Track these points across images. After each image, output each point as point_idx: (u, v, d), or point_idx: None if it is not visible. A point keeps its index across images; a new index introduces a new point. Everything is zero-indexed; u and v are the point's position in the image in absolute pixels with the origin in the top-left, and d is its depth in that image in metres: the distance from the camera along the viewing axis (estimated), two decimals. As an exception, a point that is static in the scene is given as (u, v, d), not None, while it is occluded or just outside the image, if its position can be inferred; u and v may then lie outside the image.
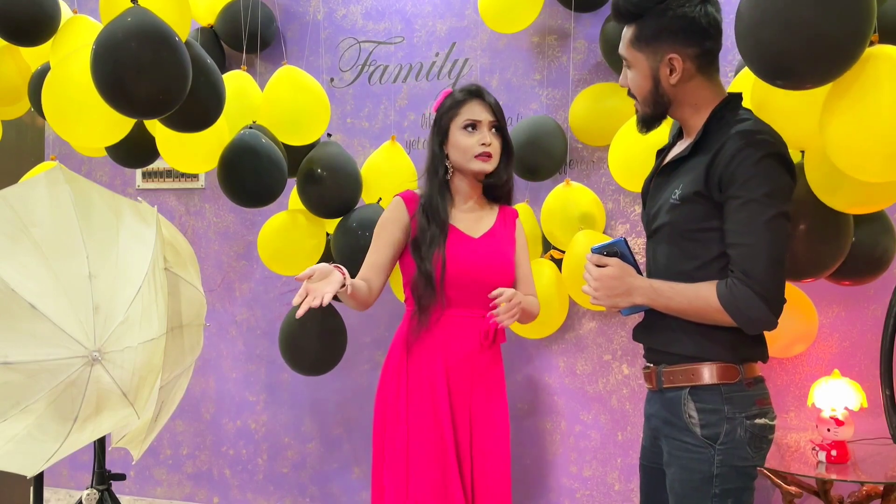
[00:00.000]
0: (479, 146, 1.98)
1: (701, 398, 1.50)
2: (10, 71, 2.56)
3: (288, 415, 3.26)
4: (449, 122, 2.01)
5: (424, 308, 1.97)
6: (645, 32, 1.50)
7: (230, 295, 3.34)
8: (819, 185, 1.77)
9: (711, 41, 1.49)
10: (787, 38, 1.38)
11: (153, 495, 3.44)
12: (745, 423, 1.47)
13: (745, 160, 1.40)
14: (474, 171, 2.02)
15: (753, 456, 1.49)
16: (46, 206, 1.73)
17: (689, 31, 1.47)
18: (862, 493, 2.20)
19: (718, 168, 1.43)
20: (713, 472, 1.46)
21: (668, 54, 1.49)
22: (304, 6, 3.22)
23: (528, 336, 2.74)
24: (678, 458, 1.52)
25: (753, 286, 1.41)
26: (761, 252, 1.41)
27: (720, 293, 1.44)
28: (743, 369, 1.50)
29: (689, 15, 1.46)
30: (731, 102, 1.53)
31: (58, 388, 1.63)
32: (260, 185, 2.43)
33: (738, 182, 1.41)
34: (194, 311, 2.03)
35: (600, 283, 1.53)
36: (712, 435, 1.47)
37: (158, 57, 1.90)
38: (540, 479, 2.90)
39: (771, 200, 1.40)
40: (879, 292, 2.46)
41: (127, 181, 3.51)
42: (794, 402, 2.58)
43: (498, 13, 2.64)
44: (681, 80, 1.50)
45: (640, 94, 1.56)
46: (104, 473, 2.10)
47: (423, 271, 1.95)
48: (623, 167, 2.42)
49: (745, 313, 1.43)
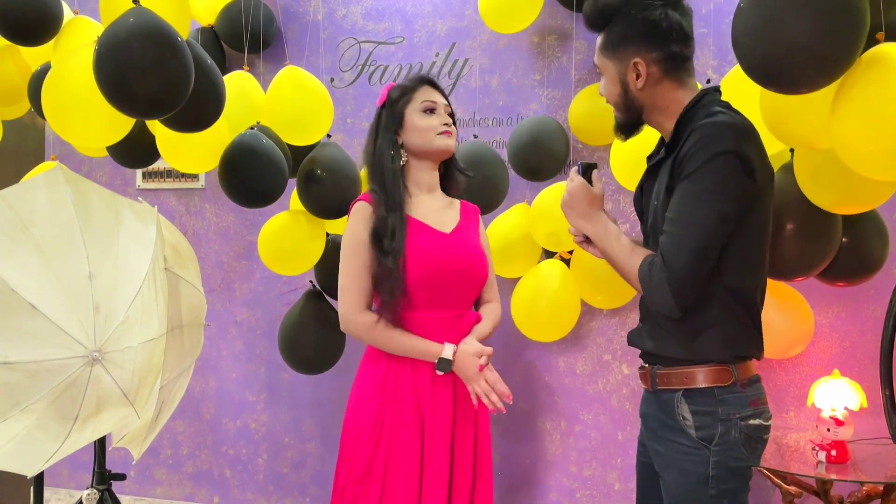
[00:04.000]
0: (440, 125, 1.93)
1: (694, 400, 1.50)
2: (11, 71, 2.56)
3: (288, 415, 3.26)
4: (404, 107, 1.94)
5: (390, 305, 1.85)
6: (611, 38, 1.55)
7: (230, 295, 3.34)
8: (807, 184, 1.78)
9: (677, 45, 1.52)
10: (776, 46, 1.42)
11: (153, 495, 3.44)
12: (739, 424, 1.48)
13: (696, 154, 1.42)
14: (439, 149, 1.93)
15: (748, 456, 1.49)
16: (46, 206, 1.72)
17: (651, 35, 1.50)
18: (862, 493, 2.21)
19: (678, 162, 1.46)
20: (709, 473, 1.47)
21: (632, 59, 1.52)
22: (305, 6, 3.23)
23: (538, 339, 2.72)
24: (674, 459, 1.53)
25: (668, 275, 1.44)
26: (685, 245, 1.43)
27: (641, 268, 1.50)
28: (736, 370, 1.50)
29: (650, 18, 1.50)
30: (702, 99, 1.53)
31: (58, 388, 1.63)
32: (260, 186, 2.43)
33: (685, 174, 1.43)
34: (194, 311, 2.03)
35: (571, 197, 1.65)
36: (707, 437, 1.48)
37: (161, 57, 1.90)
38: (540, 479, 2.90)
39: (710, 196, 1.41)
40: (879, 292, 2.46)
41: (127, 181, 3.51)
42: (793, 402, 2.58)
43: (498, 13, 2.64)
44: (647, 84, 1.53)
45: (611, 99, 1.61)
46: (104, 473, 2.10)
47: (385, 266, 1.83)
48: (624, 167, 2.42)
49: (654, 296, 1.49)
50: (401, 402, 1.87)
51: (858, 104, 1.48)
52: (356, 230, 1.89)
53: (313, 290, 2.85)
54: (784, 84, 1.49)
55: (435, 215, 1.96)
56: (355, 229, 1.89)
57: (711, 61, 2.67)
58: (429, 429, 1.87)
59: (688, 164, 1.43)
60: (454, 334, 1.90)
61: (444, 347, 1.85)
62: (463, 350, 1.86)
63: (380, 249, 1.85)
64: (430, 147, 1.93)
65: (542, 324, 2.62)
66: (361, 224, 1.89)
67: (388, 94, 1.99)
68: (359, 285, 1.89)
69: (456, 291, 1.92)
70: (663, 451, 1.56)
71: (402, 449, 1.85)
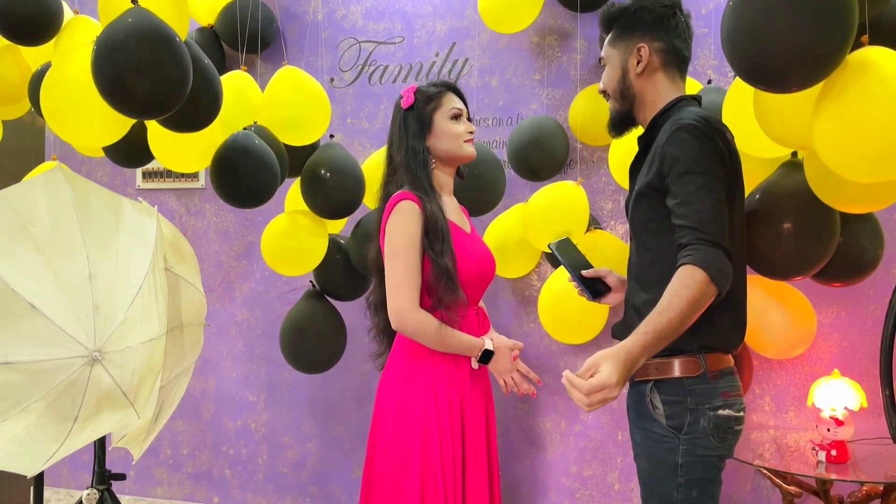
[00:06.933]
0: (466, 133, 1.99)
1: (664, 390, 1.53)
2: (11, 71, 2.55)
3: (288, 415, 3.26)
4: (433, 112, 1.97)
5: (448, 305, 1.87)
6: (621, 28, 1.67)
7: (230, 295, 3.34)
8: (816, 183, 1.77)
9: (679, 41, 1.64)
10: (763, 46, 1.44)
11: (153, 495, 3.44)
12: (708, 413, 1.50)
13: (669, 148, 1.48)
14: (465, 156, 1.99)
15: (717, 446, 1.51)
16: (46, 206, 1.72)
17: (659, 25, 1.62)
18: (862, 493, 2.20)
19: (657, 156, 1.52)
20: (678, 461, 1.50)
21: (637, 44, 1.63)
22: (304, 6, 3.23)
23: (568, 342, 2.70)
24: (646, 447, 1.57)
25: (709, 241, 1.40)
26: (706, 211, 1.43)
27: (697, 264, 1.38)
28: (705, 361, 1.51)
29: (659, 11, 1.63)
30: (681, 101, 1.62)
31: (58, 388, 1.63)
32: (252, 186, 2.42)
33: (671, 161, 1.48)
34: (194, 311, 2.03)
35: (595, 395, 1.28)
36: (677, 425, 1.51)
37: (159, 57, 1.90)
38: (540, 479, 2.90)
39: (701, 169, 1.45)
40: (879, 292, 2.46)
41: (127, 181, 3.51)
42: (794, 402, 2.58)
43: (498, 13, 2.64)
44: (645, 71, 1.63)
45: (609, 86, 1.69)
46: (104, 473, 2.10)
47: (443, 267, 1.85)
48: (623, 167, 2.42)
49: (720, 268, 1.40)
50: (451, 399, 1.91)
51: (840, 107, 1.48)
52: (406, 227, 1.85)
53: (314, 290, 2.85)
54: (772, 82, 1.51)
55: (456, 216, 2.02)
56: (405, 226, 1.85)
57: (711, 61, 2.67)
58: (469, 425, 1.93)
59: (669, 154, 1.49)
60: (480, 329, 1.99)
61: (485, 341, 1.93)
62: (498, 344, 1.95)
63: (435, 252, 1.86)
64: (457, 153, 1.98)
65: (569, 327, 2.59)
66: (412, 221, 1.86)
67: (415, 97, 2.00)
68: (415, 283, 1.86)
69: (479, 289, 2.01)
70: (639, 439, 1.60)
71: (451, 444, 1.89)
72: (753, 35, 1.45)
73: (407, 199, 1.88)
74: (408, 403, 1.89)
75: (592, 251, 2.54)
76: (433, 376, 1.90)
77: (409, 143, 1.96)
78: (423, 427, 1.86)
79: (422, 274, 1.87)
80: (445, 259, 1.85)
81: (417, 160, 1.94)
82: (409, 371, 1.92)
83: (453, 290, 1.86)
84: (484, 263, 2.00)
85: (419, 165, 1.94)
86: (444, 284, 1.85)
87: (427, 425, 1.86)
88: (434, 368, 1.90)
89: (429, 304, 1.89)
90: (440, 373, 1.90)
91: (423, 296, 1.89)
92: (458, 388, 1.92)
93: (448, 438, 1.87)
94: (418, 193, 1.90)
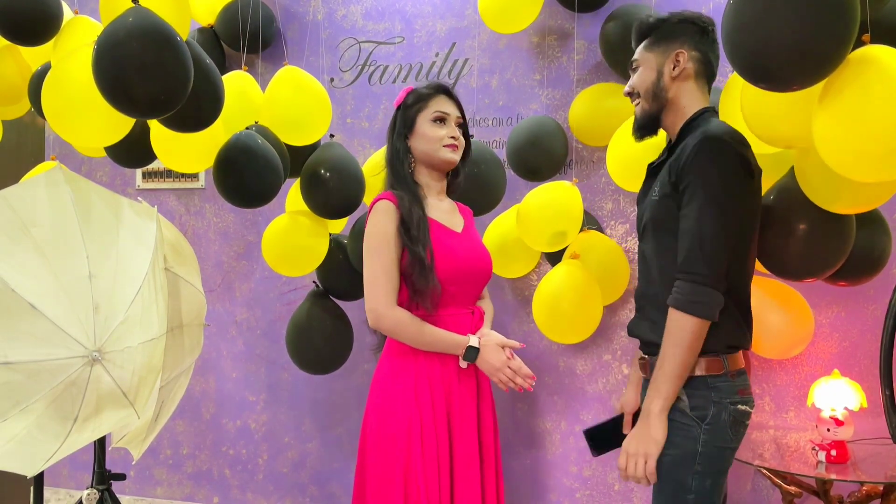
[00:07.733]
0: (448, 137, 1.97)
1: (689, 384, 1.58)
2: (11, 71, 2.55)
3: (288, 415, 3.26)
4: (416, 114, 1.98)
5: (423, 293, 1.87)
6: (659, 36, 1.71)
7: (230, 295, 3.34)
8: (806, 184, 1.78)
9: (713, 55, 1.70)
10: (765, 43, 1.44)
11: (153, 495, 3.44)
12: (728, 407, 1.57)
13: (697, 159, 1.53)
14: (442, 161, 1.97)
15: (733, 438, 1.59)
16: (46, 207, 1.72)
17: (699, 36, 1.68)
18: (862, 493, 2.21)
19: (678, 167, 1.58)
20: (698, 449, 1.55)
21: (676, 50, 1.67)
22: (304, 6, 3.23)
23: (562, 341, 2.70)
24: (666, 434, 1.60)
25: (697, 282, 1.52)
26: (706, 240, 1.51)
27: (678, 307, 1.53)
28: (727, 361, 1.59)
29: (701, 25, 1.69)
30: (706, 112, 1.68)
31: (58, 388, 1.63)
32: (255, 186, 2.42)
33: (689, 179, 1.54)
34: (194, 311, 2.03)
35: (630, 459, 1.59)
36: (701, 416, 1.57)
37: (160, 57, 1.90)
38: (540, 479, 2.90)
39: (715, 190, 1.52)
40: (879, 292, 2.46)
41: (127, 181, 3.51)
42: (794, 402, 2.58)
43: (498, 13, 2.64)
44: (680, 76, 1.68)
45: (643, 87, 1.72)
46: (104, 473, 2.10)
47: (416, 255, 1.85)
48: (621, 167, 2.42)
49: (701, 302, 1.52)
50: (435, 398, 1.90)
51: (841, 106, 1.48)
52: (382, 226, 1.88)
53: (318, 290, 2.85)
54: (773, 81, 1.50)
55: (446, 216, 2.02)
56: (381, 225, 1.88)
57: (711, 61, 2.67)
58: (456, 424, 1.92)
59: (687, 171, 1.55)
60: (471, 329, 1.96)
61: (470, 337, 1.91)
62: (486, 342, 1.92)
63: (410, 239, 1.87)
64: (434, 156, 1.98)
65: (564, 327, 2.58)
66: (387, 219, 1.88)
67: (405, 97, 2.02)
68: (389, 280, 1.87)
69: (471, 288, 1.99)
70: None
71: (435, 444, 1.87)
72: (754, 33, 1.45)
73: (383, 199, 1.92)
74: (391, 402, 1.90)
75: (587, 252, 2.54)
76: (416, 374, 1.90)
77: (393, 142, 2.01)
78: (406, 426, 1.86)
79: (400, 266, 1.89)
80: (419, 247, 1.85)
81: (398, 159, 1.99)
82: (393, 369, 1.93)
83: (427, 278, 1.85)
84: (473, 262, 1.98)
85: (399, 164, 1.98)
86: (417, 272, 1.86)
87: (409, 424, 1.86)
88: (417, 367, 1.91)
89: (406, 294, 1.91)
90: (423, 371, 1.90)
91: (402, 287, 1.91)
92: (443, 386, 1.91)
93: (431, 437, 1.86)
94: (397, 192, 1.93)
